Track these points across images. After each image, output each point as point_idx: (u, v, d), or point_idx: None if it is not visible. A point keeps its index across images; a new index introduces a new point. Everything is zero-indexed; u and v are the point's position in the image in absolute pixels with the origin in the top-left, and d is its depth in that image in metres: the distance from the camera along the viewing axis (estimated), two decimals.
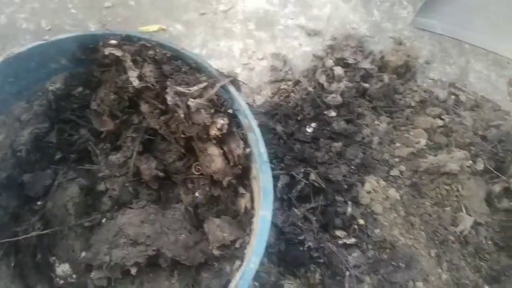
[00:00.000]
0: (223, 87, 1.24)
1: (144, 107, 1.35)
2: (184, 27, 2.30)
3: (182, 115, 1.18)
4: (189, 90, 1.17)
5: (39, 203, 1.37)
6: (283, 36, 2.36)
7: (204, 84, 1.19)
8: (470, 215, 1.74)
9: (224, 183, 1.35)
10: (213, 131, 1.21)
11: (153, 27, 2.26)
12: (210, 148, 1.30)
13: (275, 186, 1.74)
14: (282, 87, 2.11)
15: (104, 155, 1.45)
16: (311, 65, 2.19)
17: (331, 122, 1.82)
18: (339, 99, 1.83)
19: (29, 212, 1.34)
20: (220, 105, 1.22)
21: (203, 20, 2.35)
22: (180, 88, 1.15)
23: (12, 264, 1.26)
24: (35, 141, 1.39)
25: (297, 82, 2.09)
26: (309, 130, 1.85)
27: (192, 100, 1.14)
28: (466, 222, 1.71)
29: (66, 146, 1.46)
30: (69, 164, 1.45)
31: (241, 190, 1.39)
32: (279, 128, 1.87)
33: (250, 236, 1.28)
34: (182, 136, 1.34)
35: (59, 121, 1.46)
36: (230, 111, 1.23)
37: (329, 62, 2.04)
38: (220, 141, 1.30)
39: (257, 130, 1.19)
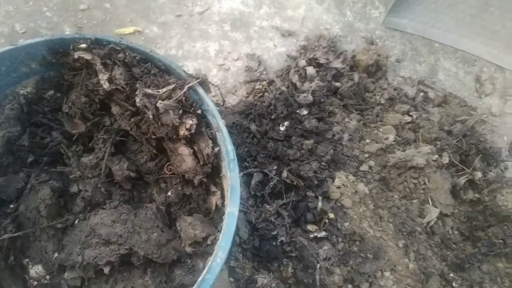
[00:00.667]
0: (192, 88, 1.28)
1: (115, 109, 1.38)
2: (160, 29, 2.33)
3: (151, 117, 1.21)
4: (158, 91, 1.21)
5: (11, 206, 1.38)
6: (258, 37, 2.40)
7: (173, 85, 1.22)
8: (436, 207, 1.81)
9: (195, 181, 1.39)
10: (182, 131, 1.25)
11: (129, 29, 2.28)
12: (181, 148, 1.35)
13: (248, 184, 1.79)
14: (257, 87, 2.16)
15: (77, 157, 1.48)
16: (285, 65, 2.25)
17: (303, 120, 1.88)
18: (310, 98, 1.88)
19: (1, 216, 1.35)
20: (189, 106, 1.26)
21: (179, 22, 2.38)
22: (149, 90, 1.19)
23: None
24: (7, 144, 1.41)
25: (271, 82, 2.14)
26: (282, 128, 1.90)
27: (161, 101, 1.18)
28: (432, 214, 1.79)
29: (38, 149, 1.48)
30: (41, 167, 1.47)
31: (213, 188, 1.43)
32: (253, 127, 1.91)
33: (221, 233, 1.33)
34: (153, 136, 1.38)
35: (31, 125, 1.48)
36: (199, 111, 1.27)
37: (302, 62, 2.10)
38: (190, 141, 1.34)
39: (225, 129, 1.23)
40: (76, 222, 1.42)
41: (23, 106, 1.43)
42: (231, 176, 1.21)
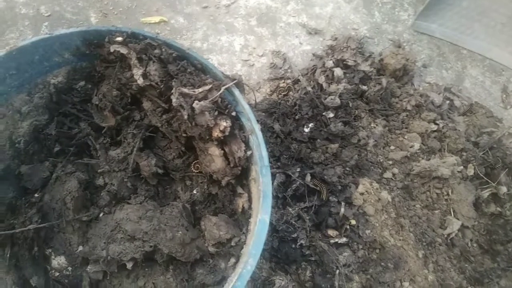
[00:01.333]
0: (227, 89, 1.26)
1: (146, 105, 1.36)
2: (186, 20, 2.30)
3: (186, 116, 1.19)
4: (194, 91, 1.18)
5: (36, 195, 1.38)
6: (284, 34, 2.37)
7: (209, 86, 1.20)
8: (458, 219, 1.79)
9: (223, 182, 1.38)
10: (216, 133, 1.23)
11: (154, 19, 2.25)
12: (211, 148, 1.33)
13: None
14: (281, 85, 2.13)
15: (104, 150, 1.47)
16: (310, 64, 2.22)
17: (329, 123, 1.85)
18: (337, 101, 1.86)
19: (26, 204, 1.35)
20: (224, 107, 1.24)
21: (205, 13, 2.35)
22: (185, 90, 1.17)
23: (8, 255, 1.26)
24: (34, 132, 1.40)
25: (296, 81, 2.11)
26: (307, 130, 1.88)
27: (197, 102, 1.16)
28: (453, 225, 1.77)
29: (65, 139, 1.47)
30: (68, 157, 1.46)
31: (239, 190, 1.41)
32: (277, 126, 1.89)
33: (247, 236, 1.31)
34: (184, 135, 1.36)
35: (59, 114, 1.47)
36: (233, 113, 1.25)
37: (329, 63, 2.06)
38: (222, 142, 1.32)
39: (259, 134, 1.21)
40: (101, 215, 1.41)
41: (53, 95, 1.41)
42: (264, 181, 1.19)
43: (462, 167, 1.86)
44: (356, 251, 1.67)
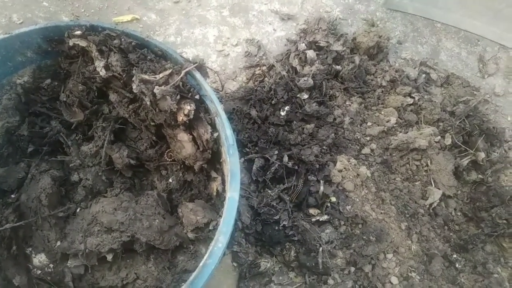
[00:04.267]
0: (189, 73, 1.27)
1: (112, 97, 1.37)
2: (158, 16, 2.31)
3: (148, 103, 1.20)
4: (154, 77, 1.19)
5: (12, 196, 1.39)
6: (257, 22, 2.37)
7: (170, 70, 1.21)
8: (439, 189, 1.80)
9: (196, 168, 1.39)
10: (181, 117, 1.24)
11: (126, 17, 2.26)
12: (180, 134, 1.34)
13: (250, 169, 1.78)
14: (257, 72, 2.14)
15: (76, 146, 1.48)
16: (285, 50, 2.22)
17: (304, 104, 1.86)
18: (310, 81, 1.86)
19: (2, 206, 1.36)
20: (186, 91, 1.25)
21: (177, 8, 2.36)
22: (145, 76, 1.18)
23: None
24: (6, 134, 1.42)
25: (271, 67, 2.12)
26: (283, 113, 1.89)
27: (158, 87, 1.17)
28: (435, 196, 1.78)
29: (38, 139, 1.48)
30: (41, 157, 1.47)
31: (213, 174, 1.43)
32: (253, 112, 1.90)
33: None
34: (152, 123, 1.37)
35: (30, 114, 1.48)
36: (196, 97, 1.26)
37: (302, 46, 2.07)
38: (189, 127, 1.34)
39: (223, 114, 1.22)
40: (78, 210, 1.43)
41: (21, 95, 1.43)
42: (231, 161, 1.20)
43: (439, 137, 1.87)
44: (338, 227, 1.68)
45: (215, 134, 1.28)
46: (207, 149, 1.33)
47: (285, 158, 1.74)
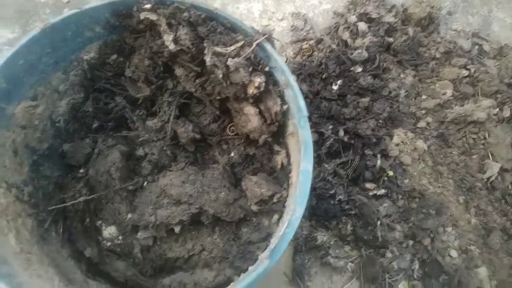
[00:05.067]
0: (258, 45, 1.25)
1: (179, 71, 1.37)
2: None
3: (220, 76, 1.20)
4: (226, 50, 1.18)
5: (81, 171, 1.42)
6: None
7: (241, 43, 1.20)
8: (497, 162, 1.77)
9: (260, 141, 1.38)
10: (251, 90, 1.23)
11: None
12: (246, 107, 1.33)
13: None
14: (304, 46, 2.11)
15: (141, 121, 1.49)
16: (332, 23, 2.18)
17: (358, 78, 1.83)
18: (365, 54, 1.83)
19: (72, 180, 1.40)
20: (257, 63, 1.23)
21: None
22: (218, 49, 1.17)
23: (61, 230, 1.32)
24: (72, 111, 1.43)
25: (319, 41, 2.09)
26: (335, 87, 1.87)
27: (231, 59, 1.16)
28: (493, 169, 1.75)
29: (102, 115, 1.49)
30: (107, 132, 1.49)
31: (276, 147, 1.42)
32: (304, 87, 1.88)
33: (288, 190, 1.32)
34: (218, 97, 1.37)
35: (94, 91, 1.49)
36: (267, 69, 1.25)
37: (352, 18, 2.02)
38: (256, 100, 1.33)
39: (295, 85, 1.20)
40: (145, 184, 1.45)
41: (87, 72, 1.43)
42: (303, 132, 1.19)
43: (497, 109, 1.82)
44: (396, 201, 1.67)
45: (285, 107, 1.27)
46: (274, 122, 1.32)
47: (341, 132, 1.73)
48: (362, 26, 1.96)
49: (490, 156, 1.79)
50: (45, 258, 1.14)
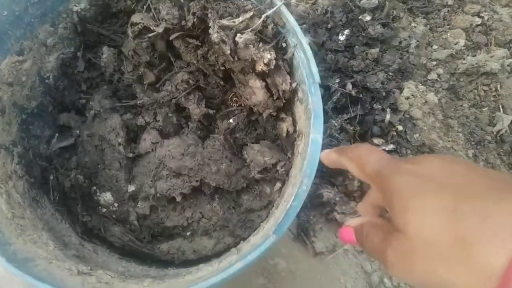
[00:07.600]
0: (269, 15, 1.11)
1: (177, 43, 1.24)
2: None
3: (228, 52, 1.07)
4: (234, 22, 1.05)
5: (76, 131, 1.36)
6: None
7: (250, 13, 1.05)
8: (507, 114, 1.73)
9: (264, 115, 1.28)
10: (260, 67, 1.11)
11: None
12: (252, 80, 1.20)
13: None
14: None
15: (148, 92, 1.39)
16: None
17: (366, 27, 1.72)
18: (375, 0, 1.70)
19: (65, 148, 1.34)
20: (271, 36, 1.11)
21: None
22: (225, 22, 1.04)
23: (57, 198, 1.29)
24: (62, 67, 1.35)
25: None
26: (342, 37, 1.76)
27: (240, 35, 1.03)
28: (504, 121, 1.71)
29: (97, 75, 1.40)
30: (103, 91, 1.40)
31: (282, 115, 1.33)
32: (308, 38, 1.77)
33: (292, 159, 1.26)
34: (222, 68, 1.25)
35: (86, 46, 1.39)
36: (283, 44, 1.12)
37: None
38: (264, 74, 1.22)
39: (308, 49, 1.09)
40: (143, 153, 1.38)
41: (77, 25, 1.32)
42: (314, 100, 1.08)
43: (511, 59, 1.74)
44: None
45: (294, 85, 1.16)
46: (281, 98, 1.21)
47: (349, 86, 1.65)
48: None
49: (501, 109, 1.74)
50: (38, 223, 1.11)
